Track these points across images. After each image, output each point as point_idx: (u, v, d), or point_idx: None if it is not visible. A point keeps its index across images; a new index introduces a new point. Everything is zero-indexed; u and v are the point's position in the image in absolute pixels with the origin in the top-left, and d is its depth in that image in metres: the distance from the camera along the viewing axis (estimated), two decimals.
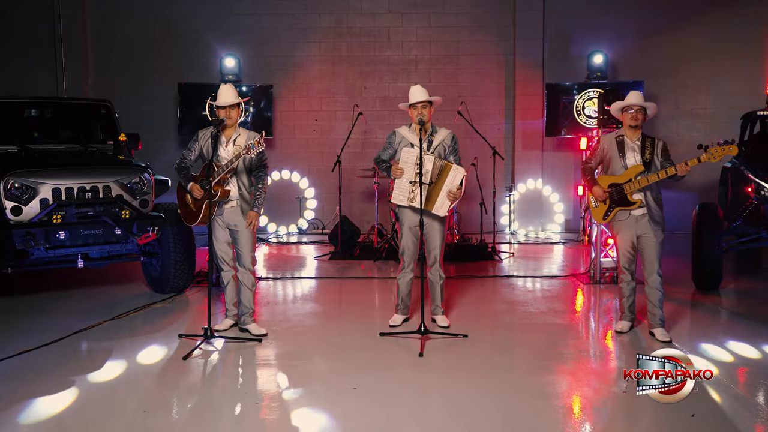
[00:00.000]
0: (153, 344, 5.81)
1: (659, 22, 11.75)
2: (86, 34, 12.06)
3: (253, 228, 5.99)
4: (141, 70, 11.83)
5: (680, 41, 11.68)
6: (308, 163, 12.12)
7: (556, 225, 11.99)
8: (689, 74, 11.74)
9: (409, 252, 6.18)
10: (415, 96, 6.02)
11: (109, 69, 12.02)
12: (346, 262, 9.61)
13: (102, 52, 12.10)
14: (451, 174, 5.86)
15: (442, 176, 5.88)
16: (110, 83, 11.91)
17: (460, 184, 5.86)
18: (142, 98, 11.72)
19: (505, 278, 8.49)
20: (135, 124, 10.97)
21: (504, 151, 11.65)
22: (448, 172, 5.86)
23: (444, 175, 5.87)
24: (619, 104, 6.04)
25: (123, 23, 12.01)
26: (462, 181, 5.87)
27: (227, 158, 5.79)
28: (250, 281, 6.05)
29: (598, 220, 6.09)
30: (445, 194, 5.86)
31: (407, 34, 12.10)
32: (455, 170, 5.86)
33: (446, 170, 5.87)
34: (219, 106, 5.92)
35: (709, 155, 5.45)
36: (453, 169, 5.86)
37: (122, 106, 11.72)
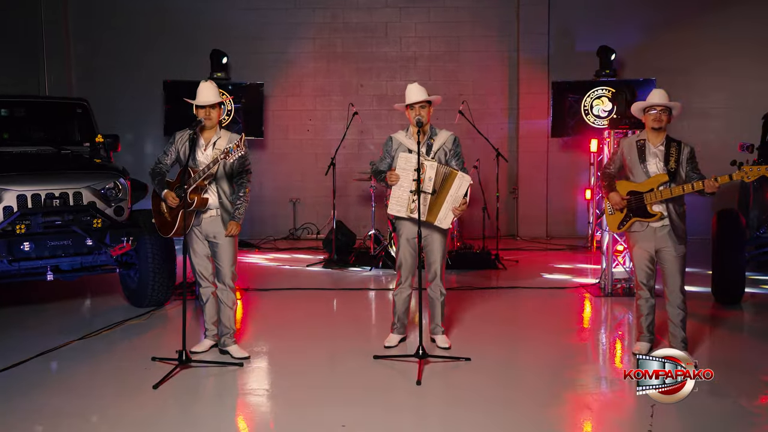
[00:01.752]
0: (123, 368, 5.25)
1: (670, 16, 11.21)
2: (68, 31, 11.53)
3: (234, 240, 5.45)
4: (127, 69, 11.30)
5: (692, 37, 11.13)
6: (302, 164, 11.57)
7: (562, 230, 11.43)
8: (701, 72, 11.17)
9: (406, 265, 5.64)
10: (412, 95, 5.48)
11: (93, 67, 11.50)
12: (340, 270, 9.07)
13: (85, 50, 11.58)
14: (456, 182, 5.32)
15: (446, 185, 5.34)
16: (95, 82, 11.41)
17: (465, 193, 5.33)
18: (129, 97, 11.20)
19: (509, 289, 7.94)
20: (121, 125, 10.53)
21: (507, 152, 11.11)
22: (452, 181, 5.33)
23: (448, 183, 5.33)
24: (640, 104, 5.48)
25: (107, 20, 11.50)
26: (467, 190, 5.34)
27: (206, 163, 5.24)
28: (231, 299, 5.50)
29: (613, 228, 5.54)
30: (450, 205, 5.33)
31: (406, 30, 11.54)
32: (460, 178, 5.32)
33: (451, 178, 5.33)
34: (198, 106, 5.37)
35: (743, 174, 4.89)
36: (458, 177, 5.32)
37: (108, 105, 11.26)
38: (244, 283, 8.32)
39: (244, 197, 5.39)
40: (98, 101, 11.14)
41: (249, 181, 5.51)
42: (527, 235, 11.44)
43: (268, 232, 11.53)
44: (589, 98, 9.97)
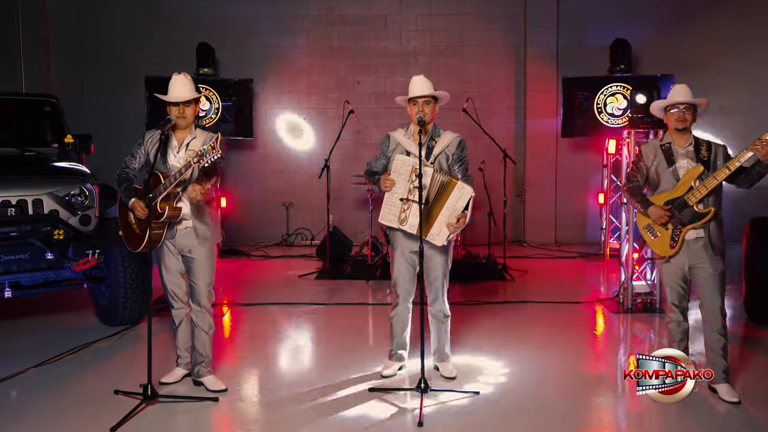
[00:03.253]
0: (82, 402, 4.57)
1: (685, 8, 10.52)
2: (47, 24, 10.84)
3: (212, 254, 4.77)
4: (108, 64, 10.62)
5: (710, 30, 10.44)
6: (295, 166, 10.89)
7: (572, 236, 10.75)
8: (720, 67, 10.45)
9: (403, 284, 4.96)
10: (416, 88, 4.81)
11: (74, 63, 10.81)
12: (334, 281, 8.39)
13: (65, 45, 10.87)
14: (454, 193, 4.64)
15: (442, 195, 4.66)
16: (75, 78, 10.73)
17: (465, 206, 4.64)
18: (110, 95, 10.51)
19: (519, 304, 7.25)
20: (102, 123, 9.90)
21: (514, 153, 10.43)
22: (450, 191, 4.65)
23: (445, 193, 4.66)
24: (661, 102, 4.82)
25: (88, 13, 10.78)
26: (469, 203, 4.65)
27: (179, 167, 4.57)
28: (207, 323, 4.83)
29: (664, 251, 4.73)
30: (445, 218, 4.65)
31: (406, 23, 10.85)
32: (460, 189, 4.63)
33: (448, 188, 4.65)
34: (170, 102, 4.71)
35: None
36: (457, 188, 4.64)
37: (89, 103, 10.64)
38: (230, 296, 7.66)
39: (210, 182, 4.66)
40: (78, 99, 10.60)
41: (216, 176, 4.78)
42: (535, 241, 10.76)
43: (259, 238, 10.85)
44: (603, 95, 9.27)
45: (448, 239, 4.73)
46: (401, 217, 4.71)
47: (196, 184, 4.45)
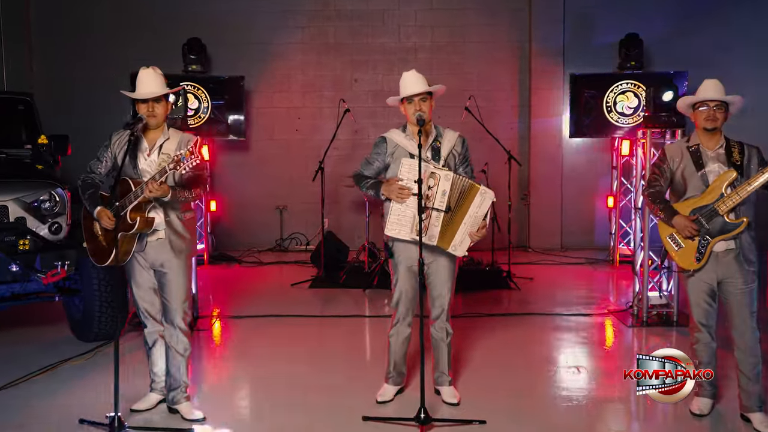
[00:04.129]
0: None
1: (698, 1, 10.04)
2: (29, 19, 10.36)
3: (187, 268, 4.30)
4: (93, 61, 10.12)
5: (724, 24, 9.94)
6: (289, 168, 10.40)
7: (579, 241, 10.27)
8: (734, 63, 9.93)
9: (406, 300, 4.49)
10: (410, 86, 4.35)
11: (57, 59, 10.32)
12: (329, 290, 7.92)
13: (49, 40, 10.38)
14: (477, 199, 4.22)
15: (464, 201, 4.25)
16: (58, 75, 10.26)
17: (485, 214, 4.21)
18: (95, 93, 10.00)
19: (526, 316, 6.78)
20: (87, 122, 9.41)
21: (518, 154, 9.94)
22: (473, 197, 4.23)
23: (468, 199, 4.24)
24: (690, 99, 4.34)
25: (73, 7, 10.29)
26: (489, 207, 4.23)
27: (151, 172, 4.11)
28: (183, 345, 4.35)
29: (689, 265, 4.25)
30: (468, 227, 4.22)
31: (405, 18, 10.36)
32: (482, 194, 4.23)
33: (471, 193, 4.23)
34: (139, 100, 4.24)
35: None
36: (480, 193, 4.23)
37: (73, 101, 10.18)
38: (219, 306, 7.19)
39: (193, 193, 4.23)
40: (61, 97, 10.17)
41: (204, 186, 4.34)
42: (540, 246, 10.28)
43: (252, 243, 10.37)
44: (612, 93, 8.77)
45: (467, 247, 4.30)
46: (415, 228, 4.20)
47: (153, 181, 3.95)
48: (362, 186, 4.49)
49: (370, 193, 4.43)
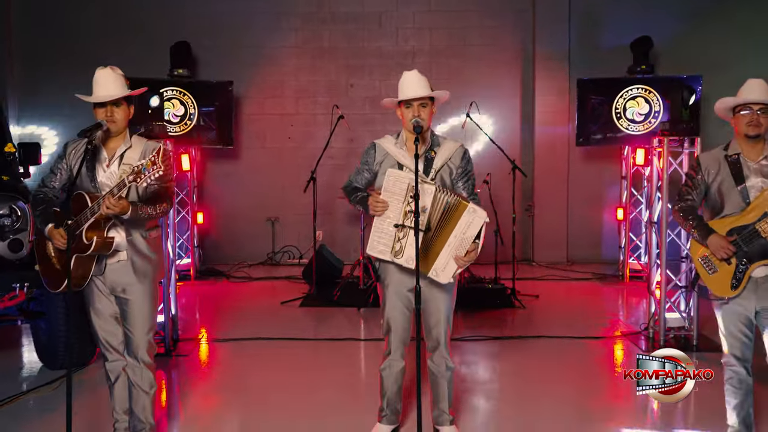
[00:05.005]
0: None
1: (710, 1, 9.54)
2: (10, 22, 9.87)
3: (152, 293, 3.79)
4: (74, 66, 9.54)
5: (734, 27, 9.43)
6: (281, 177, 9.89)
7: (586, 254, 9.77)
8: (748, 67, 9.40)
9: (397, 329, 3.99)
10: (410, 88, 3.85)
11: (37, 64, 9.82)
12: (321, 310, 7.42)
13: (30, 43, 9.89)
14: (464, 218, 3.67)
15: (449, 220, 3.69)
16: (38, 80, 9.76)
17: (477, 235, 3.67)
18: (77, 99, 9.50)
19: (532, 339, 6.26)
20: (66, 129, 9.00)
21: (521, 163, 9.41)
22: (459, 215, 3.68)
23: (453, 218, 3.69)
24: (729, 101, 3.83)
25: (54, 11, 9.79)
26: (481, 230, 3.68)
27: (111, 185, 3.60)
28: (148, 381, 3.83)
29: (723, 291, 3.75)
30: (452, 249, 3.68)
31: (403, 20, 9.88)
32: (471, 213, 3.67)
33: (457, 211, 3.69)
34: (96, 104, 3.76)
35: None
36: (468, 212, 3.67)
37: (53, 107, 9.69)
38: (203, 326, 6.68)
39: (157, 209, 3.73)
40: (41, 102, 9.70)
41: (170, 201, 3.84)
42: (544, 260, 9.77)
43: (242, 256, 9.87)
44: (622, 99, 8.27)
45: (455, 275, 3.76)
46: (395, 248, 3.74)
47: (110, 196, 3.45)
48: (352, 199, 3.99)
49: (359, 208, 3.93)
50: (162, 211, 3.75)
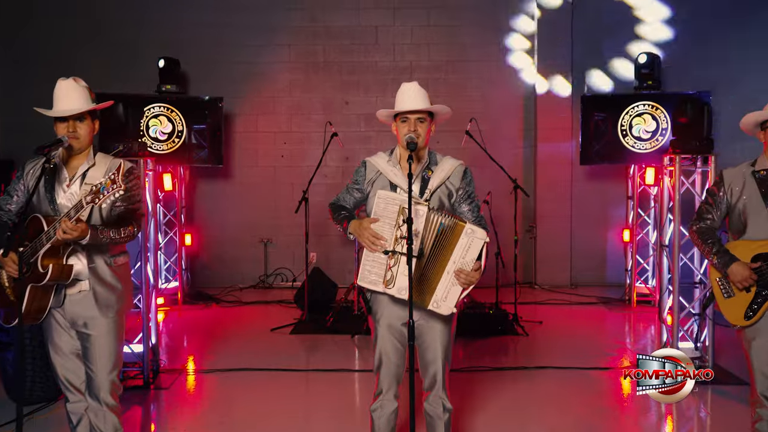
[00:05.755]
0: None
1: (717, 17, 9.21)
2: None
3: (117, 327, 3.43)
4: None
5: (746, 42, 9.12)
6: (275, 197, 9.55)
7: (590, 277, 9.40)
8: (758, 83, 9.09)
9: (390, 367, 3.61)
10: (407, 100, 3.51)
11: (18, 79, 9.47)
12: (313, 337, 7.04)
13: (11, 59, 9.57)
14: (462, 240, 3.31)
15: (446, 245, 3.33)
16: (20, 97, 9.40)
17: (478, 257, 3.31)
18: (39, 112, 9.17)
19: (536, 370, 5.87)
20: None
21: (523, 182, 9.10)
22: (456, 239, 3.32)
23: (450, 242, 3.33)
24: (758, 115, 3.53)
25: (35, 23, 9.48)
26: (482, 251, 3.31)
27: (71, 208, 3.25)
28: (112, 425, 3.48)
29: (736, 319, 3.46)
30: (452, 278, 3.31)
31: (400, 35, 9.57)
32: (469, 234, 3.31)
33: (454, 234, 3.33)
34: (57, 118, 3.42)
35: None
36: (465, 233, 3.31)
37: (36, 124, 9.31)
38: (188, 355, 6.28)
39: (122, 233, 3.38)
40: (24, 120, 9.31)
41: (137, 223, 3.49)
42: (547, 282, 9.39)
43: (233, 279, 9.50)
44: (628, 116, 7.93)
45: (458, 303, 3.39)
46: (386, 277, 3.37)
47: (66, 219, 3.09)
48: (335, 217, 3.63)
49: (340, 229, 3.57)
50: (128, 235, 3.40)
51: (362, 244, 3.37)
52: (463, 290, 3.35)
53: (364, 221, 3.38)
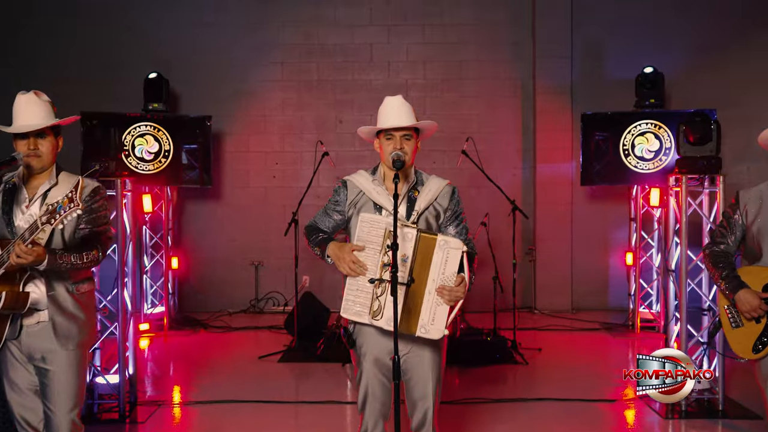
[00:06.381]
0: None
1: (722, 33, 9.00)
2: None
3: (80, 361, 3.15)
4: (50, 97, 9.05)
5: (751, 58, 8.91)
6: (266, 219, 9.25)
7: (592, 302, 9.10)
8: (763, 101, 8.86)
9: (375, 404, 3.33)
10: (391, 116, 3.28)
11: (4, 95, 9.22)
12: (302, 366, 6.73)
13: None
14: (437, 256, 3.05)
15: (424, 262, 3.05)
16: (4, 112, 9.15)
17: (459, 269, 3.03)
18: None
19: (536, 402, 5.56)
20: None
21: (522, 204, 8.82)
22: (431, 253, 3.04)
23: (426, 259, 3.04)
24: None
25: (19, 39, 9.24)
26: (461, 261, 3.04)
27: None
28: None
29: (743, 351, 3.22)
30: (434, 296, 3.04)
31: (395, 53, 9.34)
32: (443, 246, 3.06)
33: (428, 248, 3.06)
34: (17, 135, 3.16)
35: None
36: (439, 246, 3.05)
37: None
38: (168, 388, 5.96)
39: (85, 258, 3.09)
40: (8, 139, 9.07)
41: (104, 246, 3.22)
42: (547, 307, 9.08)
43: (223, 304, 9.18)
44: (630, 135, 7.67)
45: (449, 324, 3.11)
46: (374, 308, 3.10)
47: (20, 242, 2.82)
48: (310, 241, 3.37)
49: (316, 252, 3.31)
50: (91, 260, 3.12)
51: (341, 270, 3.11)
52: (451, 309, 3.08)
53: (345, 245, 3.12)
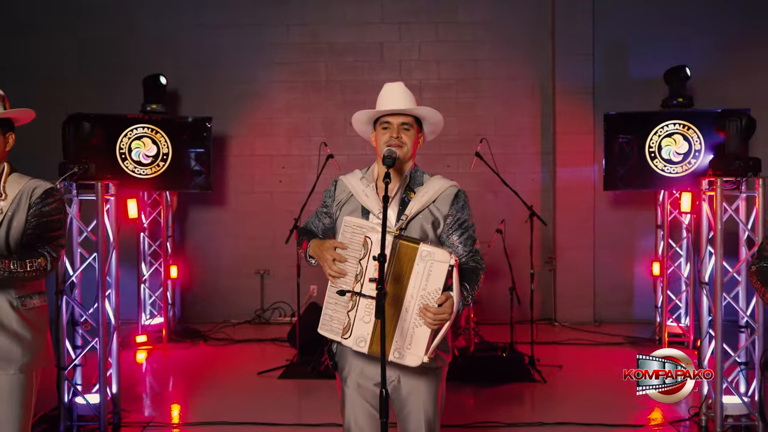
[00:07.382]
0: None
1: (753, 32, 8.48)
2: None
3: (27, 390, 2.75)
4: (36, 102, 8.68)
5: None
6: (272, 225, 8.82)
7: (616, 314, 8.59)
8: None
9: None
10: (389, 100, 2.84)
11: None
12: (305, 382, 6.29)
13: None
14: (417, 268, 2.59)
15: (398, 274, 2.60)
16: None
17: (444, 286, 2.55)
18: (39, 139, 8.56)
19: (556, 427, 5.07)
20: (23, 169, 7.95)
21: (541, 210, 8.36)
22: (411, 263, 2.59)
23: (403, 268, 2.60)
24: None
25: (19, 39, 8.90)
26: (445, 277, 2.56)
27: None
28: None
29: None
30: (412, 315, 2.59)
31: (407, 52, 8.90)
32: (425, 258, 2.58)
33: (407, 258, 2.60)
34: None
35: None
36: (420, 257, 2.58)
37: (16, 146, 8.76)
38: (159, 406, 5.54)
39: (28, 266, 2.68)
40: None
41: (50, 259, 2.80)
42: (568, 319, 8.58)
43: (227, 313, 8.79)
44: (656, 136, 7.17)
45: (433, 350, 2.63)
46: (345, 323, 2.67)
47: None
48: (298, 242, 2.95)
49: (302, 255, 2.89)
50: (36, 269, 2.71)
51: (325, 272, 2.67)
52: (433, 332, 2.60)
53: (326, 242, 2.69)
